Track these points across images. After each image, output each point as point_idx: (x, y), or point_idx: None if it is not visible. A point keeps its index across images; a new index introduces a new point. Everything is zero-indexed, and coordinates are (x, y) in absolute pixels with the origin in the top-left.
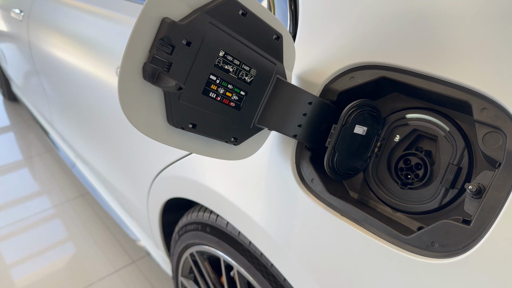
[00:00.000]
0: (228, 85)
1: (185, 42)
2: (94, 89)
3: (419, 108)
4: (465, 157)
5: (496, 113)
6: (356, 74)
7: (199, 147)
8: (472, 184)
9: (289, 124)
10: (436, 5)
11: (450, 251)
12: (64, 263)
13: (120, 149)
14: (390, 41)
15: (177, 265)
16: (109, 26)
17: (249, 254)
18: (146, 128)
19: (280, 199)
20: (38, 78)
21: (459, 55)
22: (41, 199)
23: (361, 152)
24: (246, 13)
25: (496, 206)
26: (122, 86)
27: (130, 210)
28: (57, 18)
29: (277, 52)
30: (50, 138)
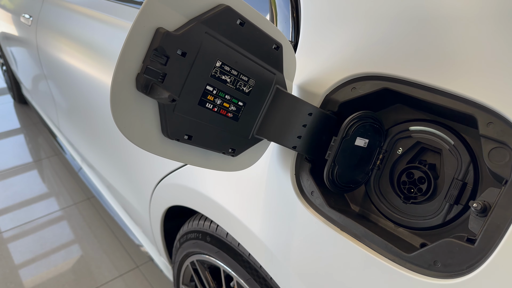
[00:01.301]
0: (226, 95)
1: (180, 53)
2: (99, 95)
3: (423, 120)
4: (471, 172)
5: (503, 128)
6: (358, 84)
7: (196, 158)
8: (477, 201)
9: (288, 135)
10: (441, 16)
11: (454, 271)
12: (70, 266)
13: (123, 155)
14: (393, 51)
15: (178, 273)
16: (115, 33)
17: (248, 266)
18: (139, 140)
19: (279, 212)
20: (46, 83)
21: (464, 67)
22: (49, 201)
23: (363, 165)
24: (244, 23)
25: (502, 225)
26: (114, 97)
27: (134, 216)
28: (64, 23)
29: (277, 62)
30: (58, 141)
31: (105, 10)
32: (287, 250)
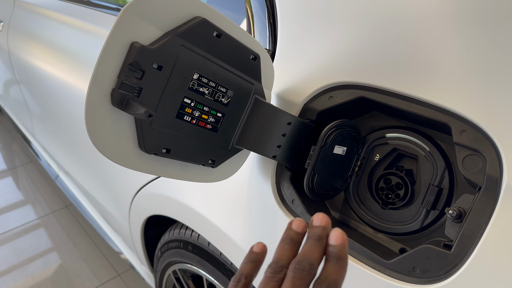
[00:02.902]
0: (204, 107)
1: (156, 66)
2: (74, 101)
3: (399, 127)
4: (446, 178)
5: (476, 136)
6: (335, 93)
7: (175, 171)
8: (452, 208)
9: (268, 145)
10: (415, 27)
11: (432, 277)
12: (48, 275)
13: (101, 163)
14: (369, 61)
15: (160, 282)
16: (89, 38)
17: (231, 274)
18: (116, 156)
19: (260, 220)
20: (19, 88)
21: (438, 76)
22: (26, 209)
23: (342, 172)
24: (221, 35)
25: (477, 231)
26: (89, 113)
27: (113, 224)
28: (36, 28)
29: (255, 72)
30: (33, 148)
31: (78, 16)
32: (269, 259)
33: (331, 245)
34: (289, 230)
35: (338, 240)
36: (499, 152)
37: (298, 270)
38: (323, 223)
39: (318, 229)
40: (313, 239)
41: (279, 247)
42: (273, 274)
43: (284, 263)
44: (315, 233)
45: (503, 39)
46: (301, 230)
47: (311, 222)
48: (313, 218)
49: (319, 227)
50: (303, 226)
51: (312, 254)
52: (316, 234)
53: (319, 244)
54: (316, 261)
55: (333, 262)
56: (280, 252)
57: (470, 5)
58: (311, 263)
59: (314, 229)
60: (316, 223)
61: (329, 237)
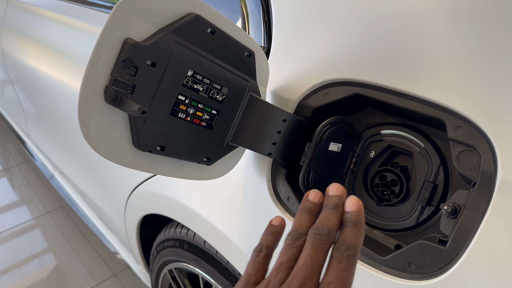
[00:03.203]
0: (199, 104)
1: (149, 63)
2: (68, 100)
3: (394, 124)
4: (441, 174)
5: (470, 132)
6: (330, 90)
7: (170, 169)
8: (447, 204)
9: (263, 142)
10: (410, 23)
11: (427, 272)
12: (44, 276)
13: (96, 162)
14: (364, 58)
15: (156, 281)
16: (83, 37)
17: (227, 273)
18: (110, 153)
19: (256, 218)
20: (13, 88)
21: (433, 73)
22: (21, 210)
23: (337, 169)
24: (215, 31)
25: (472, 226)
26: (82, 110)
27: (109, 224)
28: (30, 27)
29: (250, 69)
30: (27, 148)
31: (72, 14)
32: None
33: (347, 212)
34: (306, 201)
35: (354, 207)
36: (493, 147)
37: (317, 236)
38: (338, 192)
39: (334, 198)
40: (330, 207)
41: (297, 217)
42: (293, 241)
43: (303, 230)
44: (331, 201)
45: (498, 37)
46: (317, 201)
47: (327, 192)
48: (328, 188)
49: (335, 196)
50: (319, 196)
51: (330, 220)
52: (333, 203)
53: (336, 211)
54: (334, 227)
55: (350, 227)
56: (298, 221)
57: (464, 3)
58: (329, 229)
59: (330, 198)
60: (332, 193)
61: (345, 204)
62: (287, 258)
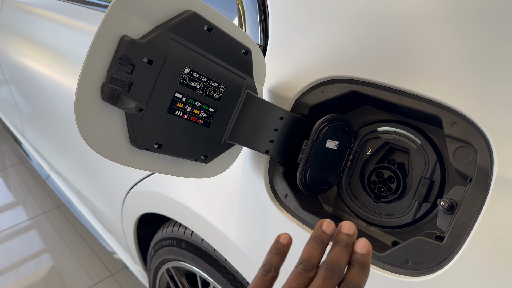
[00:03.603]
0: (196, 102)
1: (146, 61)
2: (64, 100)
3: (390, 121)
4: (437, 171)
5: (466, 128)
6: (326, 88)
7: (167, 167)
8: (444, 200)
9: (260, 140)
10: (405, 19)
11: (424, 268)
12: (41, 277)
13: (92, 162)
14: (361, 55)
15: (154, 280)
16: (78, 36)
17: (225, 271)
18: (107, 151)
19: (253, 216)
20: (8, 88)
21: (429, 69)
22: (17, 210)
23: (334, 166)
24: (212, 29)
25: (468, 222)
26: (79, 108)
27: (106, 223)
28: (26, 26)
29: (247, 67)
30: (23, 148)
31: (67, 13)
32: (263, 253)
33: (357, 252)
34: (319, 230)
35: (364, 249)
36: (489, 143)
37: (329, 272)
38: (350, 231)
39: (346, 237)
40: (342, 245)
41: (310, 245)
42: (304, 271)
43: (315, 262)
44: (343, 239)
45: (493, 33)
46: (330, 232)
47: (340, 228)
48: (341, 224)
49: (347, 234)
50: (332, 228)
51: (341, 259)
52: (344, 241)
53: (347, 251)
54: (344, 265)
55: (357, 268)
56: (311, 251)
57: (459, 2)
58: (340, 267)
59: (342, 235)
60: (344, 230)
61: (356, 245)
62: (295, 285)
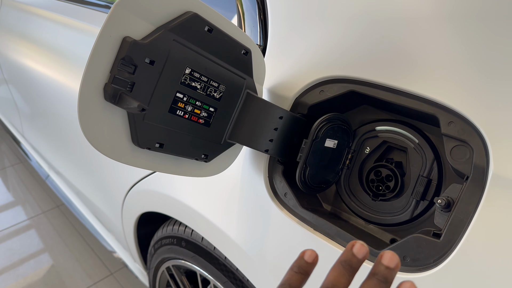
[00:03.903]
0: (196, 102)
1: (148, 61)
2: (65, 99)
3: (388, 120)
4: (435, 169)
5: (463, 127)
6: (325, 87)
7: (168, 166)
8: (441, 198)
9: (260, 139)
10: (403, 22)
11: (422, 265)
12: (40, 276)
13: (93, 161)
14: (359, 55)
15: (154, 279)
16: (78, 36)
17: (225, 269)
18: (109, 150)
19: (253, 214)
20: (7, 88)
21: (426, 69)
22: (16, 210)
23: (333, 165)
24: (212, 30)
25: (465, 219)
26: (82, 108)
27: (106, 222)
28: (25, 26)
29: (246, 67)
30: (22, 148)
31: (67, 13)
32: (263, 251)
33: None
34: (349, 253)
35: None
36: (485, 142)
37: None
38: (392, 263)
39: (386, 271)
40: (379, 280)
41: (336, 270)
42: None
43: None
44: (382, 273)
45: (490, 34)
46: (361, 257)
47: (380, 258)
48: (383, 254)
49: (387, 267)
50: (365, 252)
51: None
52: (383, 275)
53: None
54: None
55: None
56: (336, 277)
57: (456, 3)
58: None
59: (381, 267)
60: (385, 262)
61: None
62: None
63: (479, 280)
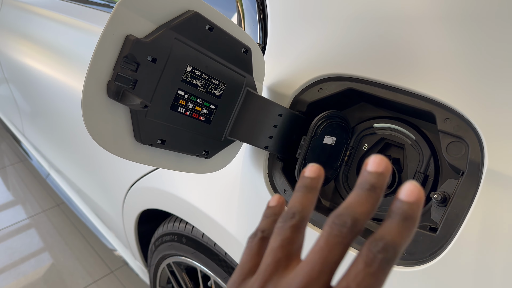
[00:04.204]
0: (197, 99)
1: (150, 59)
2: (66, 98)
3: (386, 118)
4: (431, 165)
5: (459, 123)
6: (324, 85)
7: (170, 162)
8: (437, 193)
9: (260, 136)
10: (400, 20)
11: (418, 258)
12: (41, 275)
13: (94, 160)
14: (357, 53)
15: (154, 276)
16: (78, 35)
17: (225, 265)
18: (112, 146)
19: (253, 210)
20: (8, 87)
21: (423, 67)
22: (16, 209)
23: (331, 161)
24: (213, 28)
25: (461, 213)
26: (86, 105)
27: (106, 220)
28: (26, 26)
29: (246, 65)
30: (23, 147)
31: (67, 13)
32: None
33: (400, 200)
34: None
35: (412, 196)
36: (480, 138)
37: (337, 226)
38: (380, 168)
39: (372, 176)
40: (363, 188)
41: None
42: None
43: (296, 209)
44: (367, 180)
45: (485, 32)
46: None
47: (365, 166)
48: (367, 161)
49: (374, 173)
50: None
51: (359, 207)
52: (369, 182)
53: (372, 195)
54: (363, 216)
55: (397, 220)
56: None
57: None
58: (355, 218)
59: (366, 175)
60: (371, 168)
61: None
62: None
63: (475, 273)
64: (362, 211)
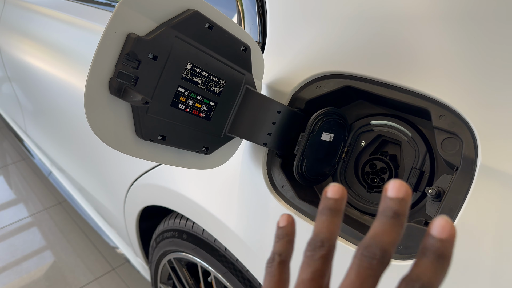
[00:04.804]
0: (197, 96)
1: (151, 56)
2: (68, 96)
3: (383, 115)
4: (427, 161)
5: (453, 120)
6: (322, 83)
7: (170, 158)
8: (432, 188)
9: (259, 132)
10: (397, 19)
11: (413, 252)
12: (43, 272)
13: (96, 157)
14: (355, 51)
15: (155, 272)
16: (80, 33)
17: (225, 260)
18: (114, 142)
19: (252, 206)
20: (10, 85)
21: (419, 65)
22: (18, 207)
23: (329, 158)
24: (213, 27)
25: (455, 208)
26: (88, 102)
27: (108, 217)
28: (28, 25)
29: (246, 62)
30: (25, 145)
31: (69, 11)
32: (262, 242)
33: (433, 236)
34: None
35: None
36: (474, 134)
37: (366, 258)
38: (401, 193)
39: (393, 203)
40: (387, 216)
41: (317, 220)
42: (313, 252)
43: (325, 236)
44: (389, 207)
45: (480, 30)
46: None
47: (385, 191)
48: (387, 186)
49: (395, 199)
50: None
51: (386, 236)
52: (392, 210)
53: (397, 223)
54: (391, 246)
55: (431, 259)
56: (318, 225)
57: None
58: (383, 249)
59: (388, 202)
60: (392, 194)
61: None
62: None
63: (468, 266)
64: (390, 241)
